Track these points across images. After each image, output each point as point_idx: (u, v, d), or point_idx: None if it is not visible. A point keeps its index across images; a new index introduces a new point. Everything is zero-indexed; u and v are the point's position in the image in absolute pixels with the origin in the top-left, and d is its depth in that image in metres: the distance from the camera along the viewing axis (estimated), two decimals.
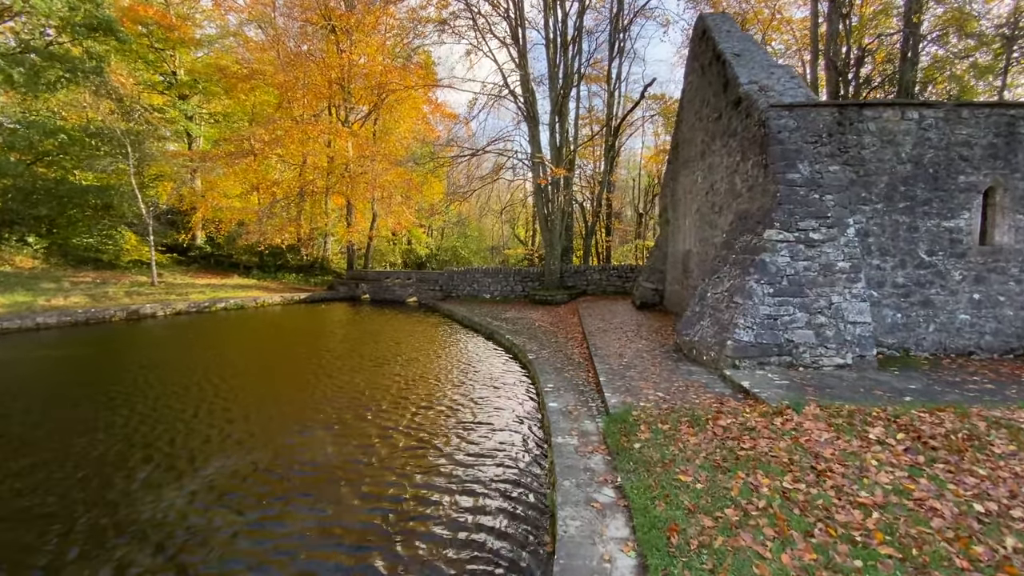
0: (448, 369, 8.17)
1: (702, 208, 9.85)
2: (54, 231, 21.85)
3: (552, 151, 16.21)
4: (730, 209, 8.15)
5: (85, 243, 21.65)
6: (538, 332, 10.51)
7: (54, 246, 21.28)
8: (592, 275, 17.29)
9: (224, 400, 6.53)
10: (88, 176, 21.49)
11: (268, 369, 8.57)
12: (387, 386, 7.07)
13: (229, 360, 9.21)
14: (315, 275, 26.45)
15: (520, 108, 15.92)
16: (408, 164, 23.08)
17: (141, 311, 15.44)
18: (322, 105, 22.70)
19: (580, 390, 5.97)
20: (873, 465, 3.46)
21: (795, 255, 6.26)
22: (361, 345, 10.58)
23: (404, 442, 5.07)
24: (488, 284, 17.83)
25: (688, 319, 7.30)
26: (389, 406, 6.18)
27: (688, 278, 10.67)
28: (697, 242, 10.09)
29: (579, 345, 8.86)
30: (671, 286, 12.43)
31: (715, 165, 9.05)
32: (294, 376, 7.99)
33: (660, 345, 7.99)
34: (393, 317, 15.81)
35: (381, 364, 8.68)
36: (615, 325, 10.30)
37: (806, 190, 6.52)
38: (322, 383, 7.41)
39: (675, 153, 12.34)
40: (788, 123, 6.74)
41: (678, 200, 12.09)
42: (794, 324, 5.99)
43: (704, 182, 9.73)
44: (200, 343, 11.33)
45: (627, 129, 22.21)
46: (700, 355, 6.61)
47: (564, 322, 11.91)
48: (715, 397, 5.12)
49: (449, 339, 11.42)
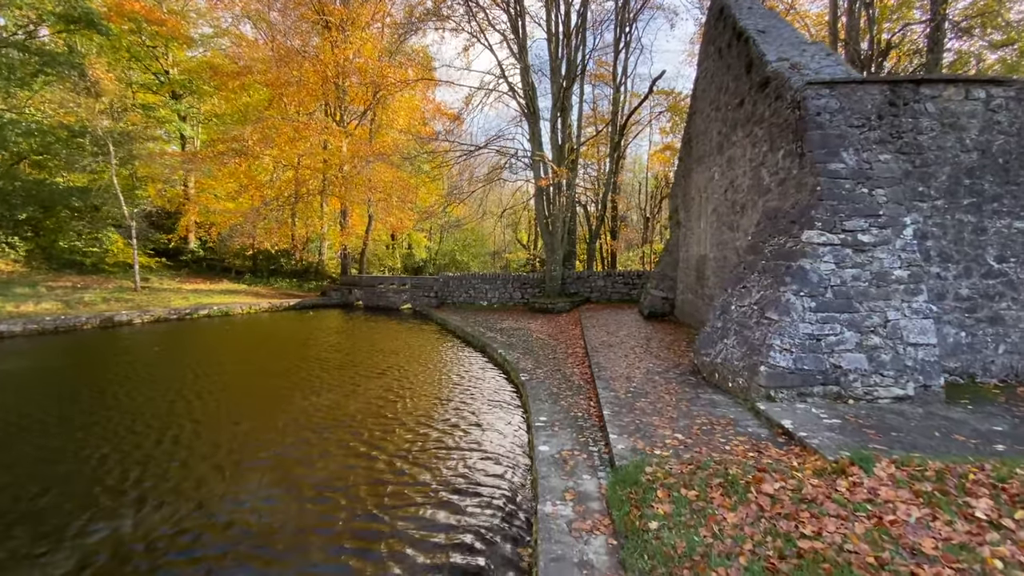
0: (426, 395, 7.05)
1: (720, 208, 8.76)
2: (40, 234, 21.11)
3: (553, 150, 15.20)
4: (755, 208, 7.06)
5: (72, 246, 20.89)
6: (535, 346, 9.43)
7: (37, 249, 20.55)
8: (596, 281, 16.20)
9: (174, 429, 5.51)
10: (81, 178, 20.75)
11: (235, 388, 7.55)
12: (342, 421, 5.98)
13: (199, 375, 8.23)
14: (309, 280, 25.56)
15: (519, 103, 14.94)
16: (405, 166, 22.18)
17: (116, 318, 14.54)
18: (316, 104, 21.87)
19: (579, 425, 4.89)
20: (999, 572, 2.36)
21: (841, 261, 5.16)
22: (338, 361, 9.56)
23: (344, 517, 3.69)
24: (485, 291, 16.79)
25: (708, 336, 6.20)
26: (336, 454, 5.06)
27: (703, 286, 9.56)
28: (714, 246, 9.00)
29: (580, 363, 7.77)
30: (683, 294, 11.32)
31: (735, 159, 7.97)
32: (258, 399, 6.97)
33: (674, 365, 6.88)
34: (383, 326, 14.80)
35: (346, 389, 7.64)
36: (621, 338, 9.21)
37: (852, 183, 5.43)
38: (281, 408, 6.38)
39: (687, 149, 11.27)
40: (829, 103, 5.66)
41: (691, 200, 11.01)
42: (842, 346, 4.88)
43: (722, 179, 8.65)
44: (172, 355, 10.37)
45: (633, 127, 21.13)
46: (724, 381, 5.51)
47: (564, 333, 10.83)
48: (750, 441, 4.02)
49: (437, 354, 10.36)
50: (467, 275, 17.29)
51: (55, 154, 19.34)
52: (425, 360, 9.47)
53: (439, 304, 17.62)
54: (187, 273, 24.46)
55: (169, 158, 20.51)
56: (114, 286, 18.86)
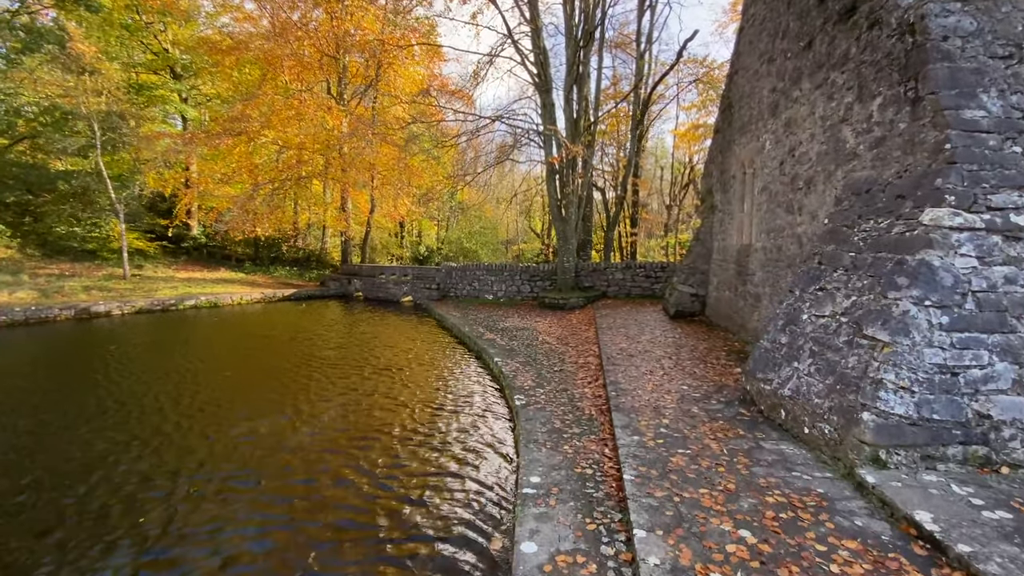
0: (387, 433, 5.41)
1: (772, 186, 7.00)
2: (39, 219, 20.38)
3: (568, 124, 13.43)
4: (830, 181, 5.32)
5: (70, 232, 20.11)
6: (539, 352, 7.89)
7: (34, 235, 19.84)
8: (614, 274, 14.50)
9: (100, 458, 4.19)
10: (80, 162, 19.88)
11: (173, 402, 6.23)
12: (264, 471, 4.54)
13: (163, 376, 7.02)
14: (311, 269, 24.43)
15: (530, 72, 13.19)
16: (410, 148, 20.66)
17: (93, 309, 13.51)
18: (315, 80, 20.44)
19: (587, 495, 3.35)
20: None
21: (987, 254, 3.45)
22: (304, 371, 8.20)
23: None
24: (491, 283, 15.25)
25: (767, 354, 4.55)
26: (224, 518, 3.62)
27: (746, 282, 7.84)
28: (763, 234, 7.25)
29: (592, 380, 6.20)
30: (718, 291, 9.59)
31: (798, 120, 6.19)
32: (191, 418, 5.62)
33: (715, 388, 5.26)
34: (376, 323, 13.44)
35: (293, 412, 6.25)
36: (643, 345, 7.59)
37: (999, 139, 3.68)
38: (212, 429, 5.01)
39: (726, 117, 9.44)
40: (962, 23, 3.88)
41: (730, 180, 9.22)
42: (991, 384, 3.20)
43: (776, 148, 6.87)
44: (143, 350, 9.23)
45: (658, 102, 19.01)
46: (797, 423, 3.89)
47: (576, 336, 9.25)
48: (866, 550, 2.42)
49: (426, 360, 8.91)
50: (471, 266, 15.75)
51: (45, 136, 18.45)
52: (407, 372, 8.01)
53: (441, 297, 16.18)
54: (186, 261, 23.59)
55: (162, 140, 19.35)
56: (104, 274, 17.98)
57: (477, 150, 16.00)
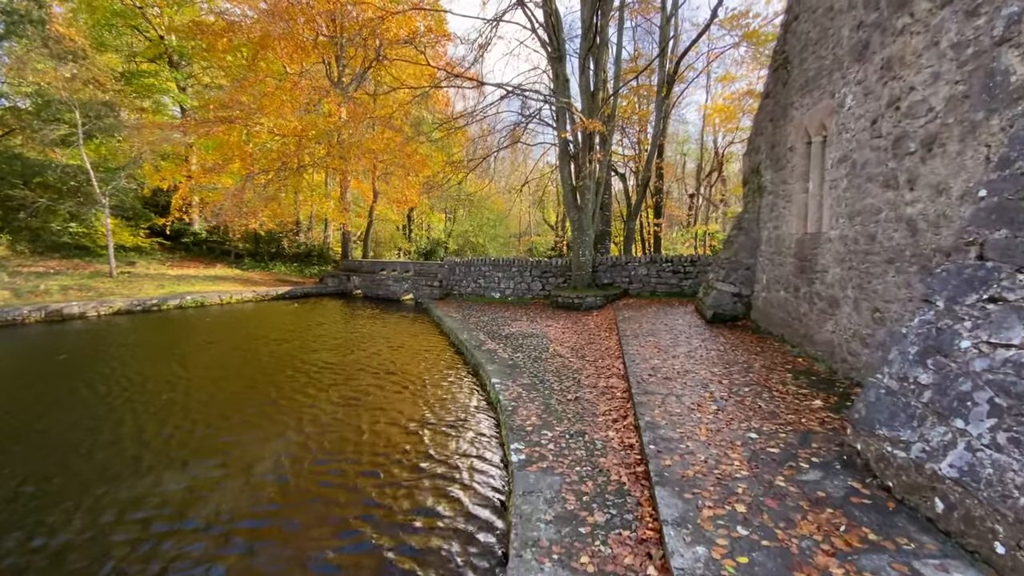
0: (330, 500, 3.97)
1: (858, 154, 5.28)
2: (34, 215, 19.62)
3: (583, 98, 11.73)
4: (975, 136, 3.62)
5: (64, 227, 19.30)
6: (548, 370, 6.35)
7: (26, 231, 19.06)
8: (636, 269, 12.82)
9: None
10: (76, 153, 18.99)
11: (97, 431, 4.91)
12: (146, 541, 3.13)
13: (98, 400, 5.71)
14: (312, 265, 23.25)
15: (540, 38, 11.52)
16: (414, 136, 19.18)
17: (65, 311, 12.46)
18: (310, 62, 19.07)
19: None
20: None
21: None
22: (260, 392, 6.84)
23: None
24: (498, 280, 13.72)
25: (892, 399, 2.94)
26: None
27: (812, 281, 6.14)
28: (841, 218, 5.55)
29: (619, 417, 4.64)
30: (768, 291, 7.89)
31: (906, 57, 4.46)
32: (104, 454, 4.27)
33: (796, 434, 3.65)
34: (367, 326, 12.07)
35: (220, 455, 4.85)
36: (681, 361, 5.98)
37: None
38: (122, 481, 3.64)
39: (779, 77, 7.68)
40: None
41: (784, 154, 7.47)
42: None
43: (866, 103, 5.15)
44: (96, 359, 8.01)
45: (684, 79, 16.93)
46: (980, 533, 2.27)
47: (594, 346, 7.68)
48: None
49: (410, 379, 7.46)
50: (476, 260, 14.22)
51: (27, 124, 17.54)
52: (380, 399, 6.53)
53: (443, 295, 14.73)
54: (183, 257, 22.68)
55: (151, 130, 18.25)
56: (91, 271, 17.05)
57: (484, 129, 14.39)
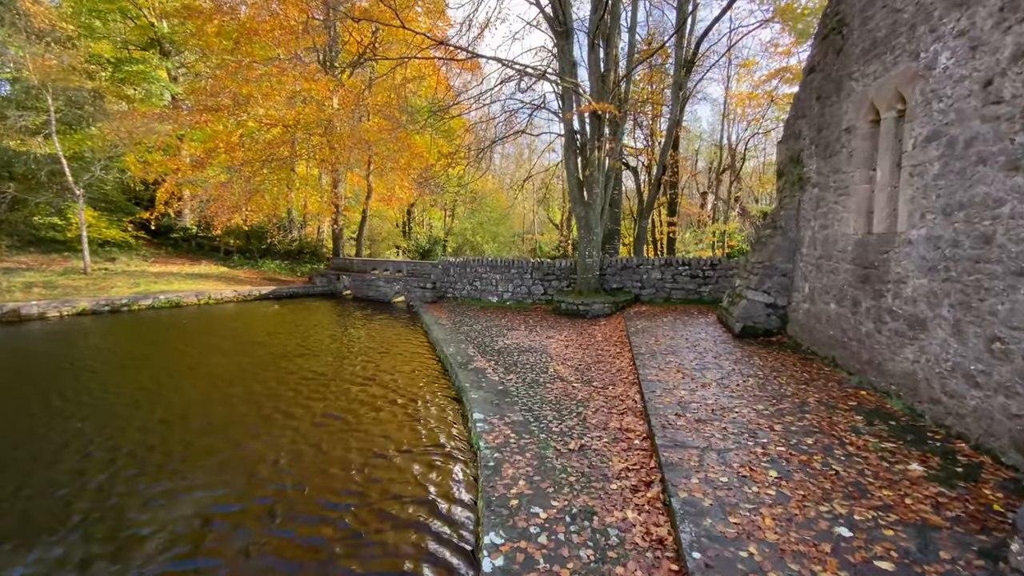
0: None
1: (956, 129, 3.98)
2: (16, 208, 18.69)
3: (593, 78, 10.45)
4: None
5: (47, 222, 18.35)
6: (546, 402, 5.09)
7: (5, 224, 18.14)
8: (649, 273, 11.51)
9: None
10: (69, 143, 18.03)
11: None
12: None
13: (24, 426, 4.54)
14: (303, 263, 22.12)
15: (544, 12, 10.24)
16: (409, 121, 17.95)
17: (23, 311, 11.38)
18: (298, 47, 17.90)
19: None
20: None
21: None
22: (191, 424, 5.66)
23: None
24: (495, 283, 12.47)
25: None
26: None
27: (883, 294, 4.83)
28: (932, 214, 4.25)
29: (639, 485, 3.37)
30: (813, 302, 6.58)
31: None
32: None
33: (896, 519, 2.35)
34: (350, 333, 10.87)
35: (112, 523, 3.65)
36: (714, 394, 4.70)
37: None
38: None
39: (832, 44, 6.36)
40: None
41: (839, 137, 6.16)
42: None
43: (973, 61, 3.84)
44: (18, 377, 6.82)
45: (702, 62, 15.45)
46: None
47: (603, 367, 6.42)
48: None
49: (375, 409, 6.24)
50: (471, 261, 12.95)
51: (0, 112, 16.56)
52: (332, 442, 5.32)
53: (436, 298, 13.51)
54: (171, 253, 21.64)
55: (133, 118, 17.18)
56: (65, 268, 16.02)
57: (483, 117, 13.14)
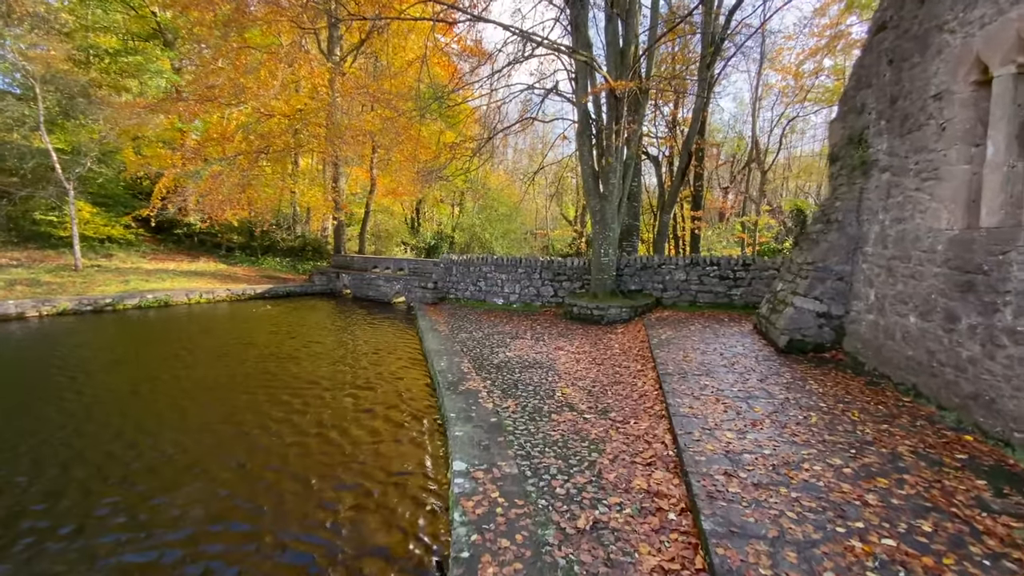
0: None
1: None
2: (16, 203, 18.31)
3: (610, 51, 9.26)
4: None
5: (47, 218, 17.92)
6: (548, 449, 4.01)
7: (3, 218, 17.76)
8: (672, 273, 10.31)
9: None
10: (62, 137, 17.55)
11: None
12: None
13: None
14: (306, 260, 21.35)
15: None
16: (414, 109, 16.94)
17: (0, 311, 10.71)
18: (295, 32, 16.99)
19: None
20: None
21: None
22: (133, 452, 4.71)
23: None
24: (501, 283, 11.39)
25: None
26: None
27: (997, 308, 3.62)
28: None
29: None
30: (884, 313, 5.35)
31: None
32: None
33: None
34: (341, 338, 9.92)
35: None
36: (771, 439, 3.56)
37: None
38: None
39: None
40: None
41: (923, 106, 4.92)
42: None
43: None
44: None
45: (733, 40, 13.93)
46: None
47: (622, 390, 5.29)
48: None
49: (343, 443, 5.24)
50: (476, 259, 11.89)
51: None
52: (283, 498, 4.31)
53: (438, 299, 12.50)
54: (172, 249, 21.08)
55: (126, 109, 16.52)
56: (57, 264, 15.46)
57: (493, 102, 12.01)
